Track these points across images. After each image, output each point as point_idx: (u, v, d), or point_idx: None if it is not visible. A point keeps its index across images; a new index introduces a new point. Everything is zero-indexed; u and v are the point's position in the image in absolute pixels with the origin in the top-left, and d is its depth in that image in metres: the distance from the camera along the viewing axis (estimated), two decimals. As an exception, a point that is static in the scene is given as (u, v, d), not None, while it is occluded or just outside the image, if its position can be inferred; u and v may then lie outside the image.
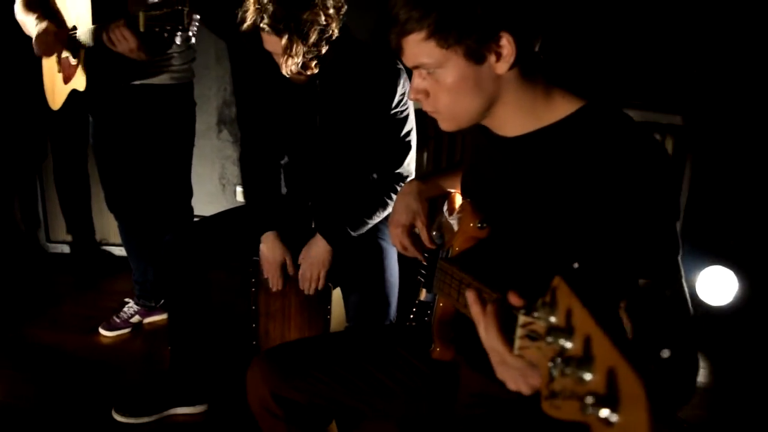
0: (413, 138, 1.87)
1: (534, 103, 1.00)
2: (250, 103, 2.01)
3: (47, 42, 2.03)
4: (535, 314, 0.67)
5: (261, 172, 1.99)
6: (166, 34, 1.81)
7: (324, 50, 1.67)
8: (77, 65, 2.08)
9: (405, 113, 1.82)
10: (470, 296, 0.84)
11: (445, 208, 1.36)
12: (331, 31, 1.66)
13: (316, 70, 1.71)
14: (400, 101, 1.80)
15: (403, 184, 1.75)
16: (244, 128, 2.02)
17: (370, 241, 1.88)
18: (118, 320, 2.51)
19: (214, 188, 3.11)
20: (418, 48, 0.96)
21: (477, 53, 0.94)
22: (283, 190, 2.04)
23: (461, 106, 1.00)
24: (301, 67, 1.67)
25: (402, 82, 1.79)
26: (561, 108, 1.00)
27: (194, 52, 2.28)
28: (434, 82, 0.99)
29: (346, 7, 1.71)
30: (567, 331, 0.62)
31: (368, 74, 1.79)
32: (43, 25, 2.04)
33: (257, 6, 1.62)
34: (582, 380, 0.58)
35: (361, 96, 1.79)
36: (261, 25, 1.61)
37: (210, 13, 2.75)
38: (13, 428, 1.97)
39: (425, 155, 2.76)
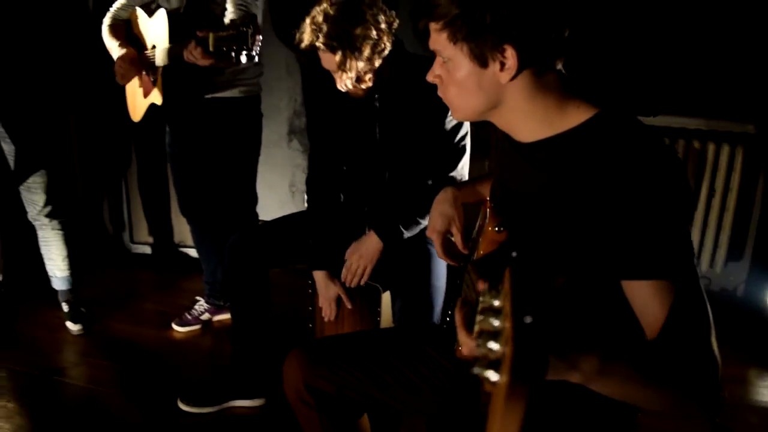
0: (467, 143, 1.92)
1: (546, 111, 1.03)
2: (315, 115, 2.13)
3: (124, 69, 2.24)
4: (485, 297, 0.75)
5: (323, 185, 2.09)
6: (233, 54, 1.94)
7: (377, 64, 1.75)
8: (155, 82, 2.27)
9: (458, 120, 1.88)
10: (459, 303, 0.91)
11: (482, 213, 1.40)
12: (383, 46, 1.74)
13: (370, 84, 1.79)
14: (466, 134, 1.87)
15: None
16: (311, 139, 2.14)
17: (419, 246, 1.94)
18: (189, 317, 2.68)
19: (285, 195, 3.25)
20: (435, 36, 1.03)
21: (481, 57, 0.99)
22: (342, 197, 2.14)
23: (465, 101, 1.06)
24: (356, 81, 1.76)
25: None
26: (574, 116, 1.03)
27: (261, 67, 2.43)
28: (446, 72, 1.05)
29: (397, 21, 1.79)
30: (498, 312, 0.72)
31: (422, 86, 1.85)
32: (122, 51, 2.25)
33: (312, 26, 1.72)
34: (491, 350, 0.69)
35: (416, 107, 1.86)
36: (317, 44, 1.71)
37: (281, 27, 2.91)
38: (93, 410, 2.16)
39: (487, 163, 2.80)
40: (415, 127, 1.86)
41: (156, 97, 2.28)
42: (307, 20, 1.75)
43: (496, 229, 1.14)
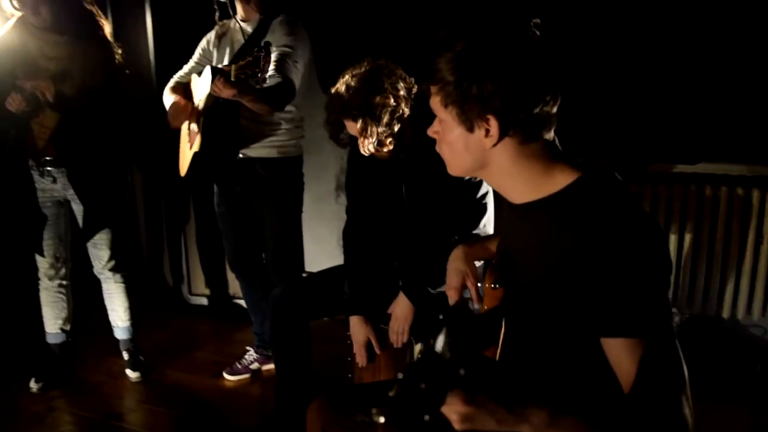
0: (489, 200, 1.99)
1: (531, 176, 1.11)
2: (351, 173, 2.27)
3: (174, 111, 2.44)
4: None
5: (359, 242, 2.20)
6: (251, 80, 2.09)
7: (397, 128, 1.87)
8: (198, 132, 2.45)
9: (479, 178, 1.96)
10: None
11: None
12: (402, 111, 1.85)
13: (391, 147, 1.91)
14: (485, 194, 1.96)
15: None
16: (348, 195, 2.28)
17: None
18: (239, 366, 2.81)
19: (333, 248, 3.36)
20: (433, 97, 1.13)
21: (468, 123, 1.08)
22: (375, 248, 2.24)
23: (455, 159, 1.16)
24: (378, 145, 1.88)
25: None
26: (559, 180, 1.10)
27: (302, 131, 2.59)
28: (442, 130, 1.15)
29: (416, 87, 1.91)
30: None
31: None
32: (173, 98, 2.47)
33: (336, 97, 1.88)
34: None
35: (438, 166, 1.95)
36: (340, 113, 1.86)
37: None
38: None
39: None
40: (439, 185, 1.95)
41: (196, 146, 2.46)
42: (332, 91, 1.91)
43: (491, 286, 1.21)
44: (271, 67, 2.19)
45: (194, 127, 2.50)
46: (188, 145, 2.57)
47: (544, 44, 1.09)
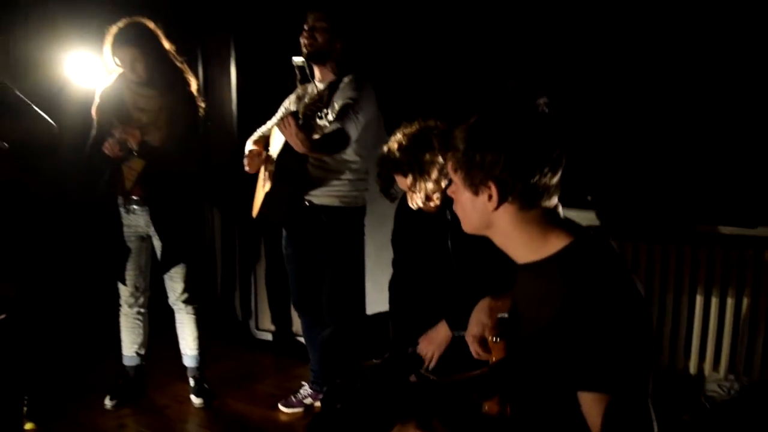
0: None
1: (530, 239, 1.22)
2: (399, 225, 2.41)
3: (250, 158, 2.69)
4: None
5: (403, 294, 2.32)
6: (312, 121, 2.30)
7: (444, 184, 1.99)
8: (270, 176, 2.67)
9: None
10: None
11: None
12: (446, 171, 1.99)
13: (438, 202, 2.03)
14: None
15: None
16: (394, 247, 2.41)
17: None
18: (294, 400, 2.95)
19: (394, 293, 3.50)
20: (448, 162, 1.28)
21: (473, 187, 1.22)
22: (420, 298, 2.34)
23: (465, 217, 1.29)
24: (426, 200, 2.01)
25: None
26: (554, 244, 1.21)
27: (366, 183, 2.76)
28: (455, 192, 1.29)
29: None
30: None
31: None
32: (251, 147, 2.71)
33: (388, 154, 2.03)
34: None
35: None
36: (392, 168, 2.01)
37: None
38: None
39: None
40: (483, 241, 2.04)
41: (267, 187, 2.68)
42: (385, 148, 2.06)
43: (492, 339, 1.32)
44: (333, 116, 2.40)
45: (268, 172, 2.73)
46: (262, 189, 2.80)
47: (547, 120, 1.22)
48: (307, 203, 2.67)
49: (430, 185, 1.98)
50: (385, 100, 2.73)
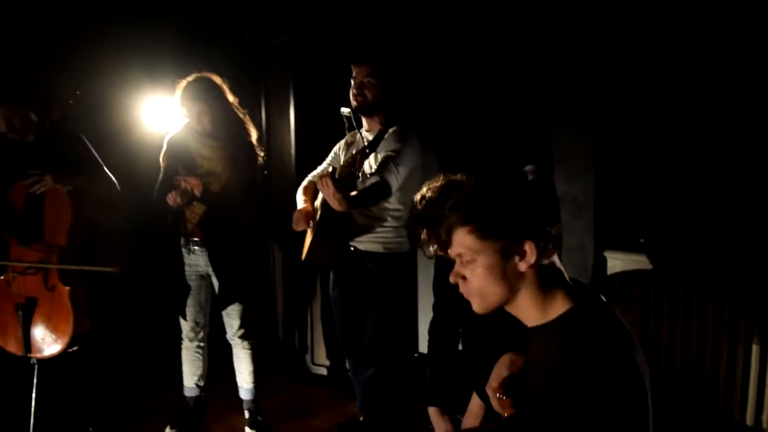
0: None
1: (544, 300, 1.28)
2: (437, 274, 2.47)
3: (296, 219, 2.82)
4: None
5: (442, 339, 2.38)
6: (349, 179, 2.40)
7: None
8: (315, 222, 2.79)
9: None
10: None
11: None
12: None
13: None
14: None
15: None
16: (435, 295, 2.47)
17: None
18: (342, 436, 3.04)
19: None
20: (461, 238, 1.28)
21: (506, 251, 1.25)
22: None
23: (489, 291, 1.28)
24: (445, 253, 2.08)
25: None
26: (559, 306, 1.27)
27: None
28: (470, 269, 1.29)
29: None
30: None
31: None
32: (301, 206, 2.85)
33: (413, 207, 2.11)
34: None
35: None
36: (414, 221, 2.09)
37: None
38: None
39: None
40: None
41: (312, 233, 2.80)
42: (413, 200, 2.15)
43: (498, 396, 1.37)
44: (374, 169, 2.49)
45: (315, 218, 2.87)
46: (310, 233, 2.94)
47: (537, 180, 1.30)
48: (351, 248, 2.77)
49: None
50: (436, 146, 2.81)
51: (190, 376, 3.17)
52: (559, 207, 3.07)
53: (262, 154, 3.04)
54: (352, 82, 2.71)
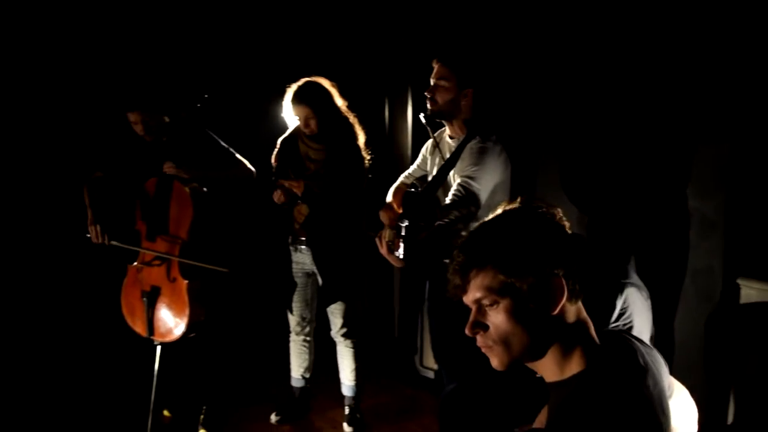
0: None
1: (563, 356, 1.18)
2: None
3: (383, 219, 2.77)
4: None
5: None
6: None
7: None
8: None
9: (627, 326, 1.88)
10: None
11: None
12: None
13: None
14: (620, 315, 1.88)
15: None
16: None
17: None
18: (435, 444, 3.02)
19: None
20: (480, 282, 1.17)
21: (533, 290, 1.14)
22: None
23: (514, 339, 1.16)
24: None
25: (623, 297, 1.88)
26: (572, 366, 1.17)
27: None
28: (492, 315, 1.17)
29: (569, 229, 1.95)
30: None
31: (589, 285, 1.93)
32: (389, 200, 2.83)
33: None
34: None
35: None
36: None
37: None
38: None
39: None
40: None
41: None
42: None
43: None
44: (450, 197, 2.38)
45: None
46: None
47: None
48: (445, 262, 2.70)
49: None
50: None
51: (297, 368, 3.32)
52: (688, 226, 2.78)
53: (368, 157, 3.07)
54: (430, 82, 2.56)
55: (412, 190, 2.57)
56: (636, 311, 1.92)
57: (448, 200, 2.36)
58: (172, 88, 3.11)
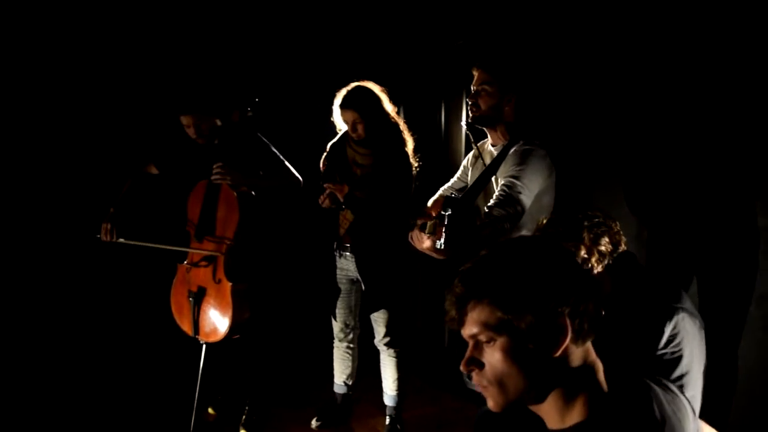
0: (686, 383, 1.75)
1: (565, 403, 1.09)
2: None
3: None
4: None
5: None
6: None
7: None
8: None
9: (676, 355, 1.75)
10: None
11: None
12: (590, 265, 1.80)
13: None
14: (669, 342, 1.75)
15: None
16: None
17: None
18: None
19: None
20: (477, 316, 1.08)
21: (532, 329, 1.05)
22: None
23: (509, 381, 1.08)
24: None
25: (673, 323, 1.75)
26: (574, 415, 1.09)
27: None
28: (488, 353, 1.09)
29: (623, 246, 1.82)
30: None
31: (637, 306, 1.81)
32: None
33: (536, 232, 1.92)
34: None
35: (628, 329, 1.81)
36: None
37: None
38: None
39: None
40: (625, 347, 1.79)
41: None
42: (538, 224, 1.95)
43: None
44: (494, 198, 2.26)
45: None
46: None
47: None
48: None
49: None
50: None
51: (339, 374, 3.30)
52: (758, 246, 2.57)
53: (416, 164, 3.01)
54: (471, 89, 2.48)
55: (452, 195, 2.51)
56: (686, 339, 1.79)
57: (491, 202, 2.26)
58: (224, 92, 3.14)
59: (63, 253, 3.75)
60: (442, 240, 2.09)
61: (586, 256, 1.80)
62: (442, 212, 2.12)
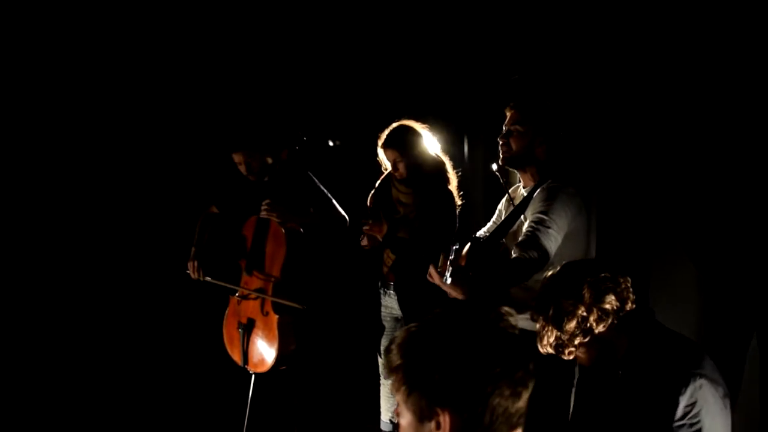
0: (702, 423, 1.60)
1: None
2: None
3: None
4: None
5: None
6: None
7: (579, 341, 1.71)
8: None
9: (695, 428, 1.60)
10: None
11: None
12: (589, 325, 1.68)
13: (570, 357, 1.74)
14: (686, 413, 1.60)
15: None
16: None
17: None
18: None
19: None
20: (394, 382, 1.08)
21: (422, 413, 1.02)
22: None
23: None
24: (556, 348, 1.74)
25: (689, 391, 1.60)
26: None
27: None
28: (400, 413, 1.08)
29: (630, 305, 1.70)
30: None
31: (653, 371, 1.67)
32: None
33: (542, 285, 1.83)
34: None
35: (642, 397, 1.68)
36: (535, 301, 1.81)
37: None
38: None
39: None
40: (639, 416, 1.66)
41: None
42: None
43: None
44: (522, 237, 2.19)
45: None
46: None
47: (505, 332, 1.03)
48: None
49: (565, 336, 1.71)
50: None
51: (386, 412, 3.28)
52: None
53: (459, 202, 2.96)
54: (503, 129, 2.41)
55: (479, 236, 2.45)
56: (707, 410, 1.63)
57: (520, 239, 2.19)
58: (272, 130, 3.25)
59: (135, 282, 4.03)
60: (448, 274, 2.07)
61: (584, 314, 1.69)
62: (451, 245, 2.10)
